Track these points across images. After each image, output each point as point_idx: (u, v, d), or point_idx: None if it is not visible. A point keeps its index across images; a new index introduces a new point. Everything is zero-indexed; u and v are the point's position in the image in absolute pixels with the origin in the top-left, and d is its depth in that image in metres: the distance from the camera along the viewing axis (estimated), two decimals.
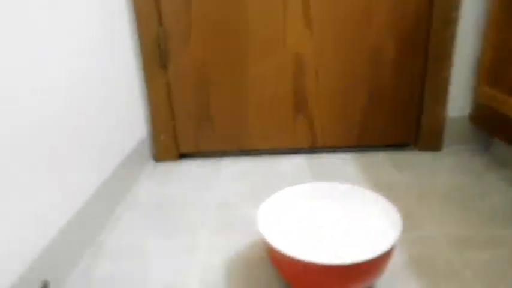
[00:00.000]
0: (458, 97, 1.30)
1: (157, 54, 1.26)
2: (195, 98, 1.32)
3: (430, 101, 1.29)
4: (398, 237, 0.69)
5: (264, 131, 1.35)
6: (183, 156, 1.40)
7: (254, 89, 1.31)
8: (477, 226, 0.92)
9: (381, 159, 1.30)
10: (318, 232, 0.85)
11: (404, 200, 1.05)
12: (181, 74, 1.29)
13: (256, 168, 1.28)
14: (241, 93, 1.31)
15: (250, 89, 1.31)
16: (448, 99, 1.29)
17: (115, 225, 1.00)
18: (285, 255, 0.66)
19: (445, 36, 1.22)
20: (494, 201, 1.02)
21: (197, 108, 1.33)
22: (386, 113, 1.33)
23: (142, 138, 1.30)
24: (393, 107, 1.32)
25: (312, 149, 1.38)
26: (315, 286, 0.69)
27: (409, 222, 0.95)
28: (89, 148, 0.95)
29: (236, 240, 0.91)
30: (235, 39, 1.25)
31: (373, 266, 0.68)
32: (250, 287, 0.77)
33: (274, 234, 0.78)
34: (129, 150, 1.19)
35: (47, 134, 0.79)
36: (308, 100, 1.32)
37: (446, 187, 1.10)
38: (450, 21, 1.20)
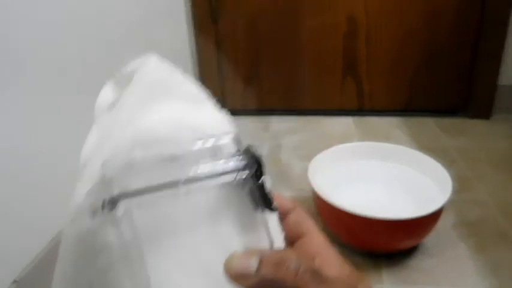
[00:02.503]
0: (511, 65, 1.25)
1: (208, 8, 1.26)
2: (245, 53, 1.33)
3: (482, 68, 1.25)
4: (448, 198, 0.70)
5: (312, 91, 1.36)
6: (230, 113, 1.42)
7: (304, 47, 1.30)
8: None
9: (430, 124, 1.29)
10: (367, 189, 0.87)
11: (455, 164, 1.04)
12: (232, 28, 1.29)
13: (303, 127, 1.30)
14: (290, 52, 1.31)
15: (300, 48, 1.30)
16: (500, 67, 1.25)
17: None
18: (335, 207, 0.69)
19: (502, 2, 1.16)
20: None
21: (246, 65, 1.34)
22: (437, 79, 1.30)
23: None
24: (445, 73, 1.29)
25: (359, 111, 1.37)
26: (364, 239, 0.72)
27: (460, 185, 0.95)
28: None
29: (285, 194, 0.95)
30: None
31: (422, 224, 0.70)
32: None
33: (324, 188, 0.81)
34: None
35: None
36: (358, 62, 1.30)
37: (497, 153, 1.09)
38: None
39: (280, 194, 0.27)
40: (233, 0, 1.25)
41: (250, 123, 1.35)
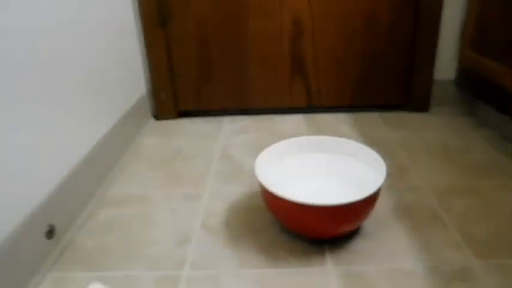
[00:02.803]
0: (445, 62, 1.36)
1: (157, 13, 1.28)
2: (195, 56, 1.35)
3: (419, 65, 1.34)
4: (382, 183, 0.76)
5: (263, 91, 1.40)
6: (182, 114, 1.44)
7: (253, 49, 1.34)
8: (458, 177, 1.00)
9: (374, 118, 1.37)
10: (313, 179, 0.92)
11: (396, 154, 1.12)
12: (182, 32, 1.32)
13: (255, 126, 1.34)
14: (240, 52, 1.35)
15: (250, 49, 1.34)
16: (435, 64, 1.35)
17: (120, 174, 1.07)
18: (279, 198, 0.73)
19: (433, 3, 1.26)
20: (475, 156, 1.10)
21: (197, 66, 1.36)
22: (379, 76, 1.38)
23: (142, 96, 1.35)
24: (386, 70, 1.37)
25: (309, 108, 1.43)
26: (307, 226, 0.77)
27: (398, 173, 1.02)
28: (89, 101, 1.00)
29: (236, 190, 0.99)
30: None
31: (360, 208, 0.75)
32: (248, 230, 0.84)
33: (271, 181, 0.85)
34: (130, 107, 1.24)
35: (49, 83, 0.84)
36: (305, 61, 1.36)
37: (433, 144, 1.17)
38: None
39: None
40: (180, 3, 1.28)
41: (204, 124, 1.38)
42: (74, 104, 0.90)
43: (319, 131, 1.29)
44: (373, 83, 1.39)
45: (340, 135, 1.24)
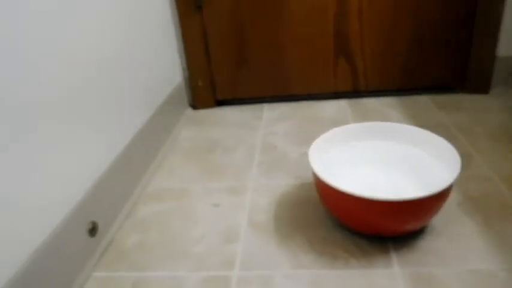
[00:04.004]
0: (509, 36, 1.21)
1: None
2: (232, 41, 1.28)
3: (479, 40, 1.21)
4: (457, 176, 0.67)
5: (304, 75, 1.32)
6: (220, 103, 1.38)
7: (293, 31, 1.26)
8: None
9: (426, 102, 1.26)
10: (370, 170, 0.84)
11: (455, 140, 1.01)
12: (217, 15, 1.25)
13: (297, 113, 1.26)
14: (279, 35, 1.26)
15: (289, 32, 1.26)
16: (499, 38, 1.21)
17: (158, 168, 1.02)
18: (339, 191, 0.66)
19: None
20: None
21: (234, 52, 1.29)
22: (431, 55, 1.26)
23: (178, 84, 1.29)
24: (439, 48, 1.25)
25: (353, 93, 1.34)
26: (369, 222, 0.69)
27: (461, 161, 0.92)
28: (125, 93, 0.95)
29: (282, 181, 0.92)
30: None
31: (430, 204, 0.67)
32: (300, 225, 0.78)
33: (325, 172, 0.78)
34: (166, 97, 1.18)
35: (85, 79, 0.79)
36: (350, 42, 1.26)
37: (497, 127, 1.06)
38: None
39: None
40: None
41: (243, 112, 1.31)
42: (110, 98, 0.85)
43: (366, 117, 1.19)
44: (425, 63, 1.27)
45: (390, 121, 1.14)
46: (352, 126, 0.86)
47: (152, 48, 1.09)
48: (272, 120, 1.23)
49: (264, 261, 0.70)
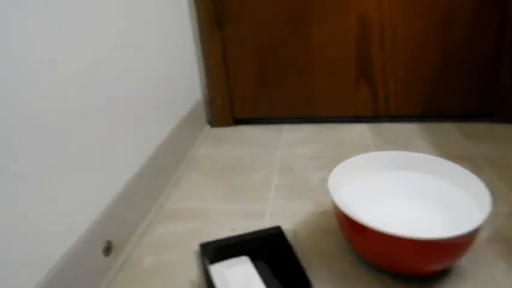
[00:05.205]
0: None
1: (214, 14, 1.21)
2: (253, 60, 1.27)
3: (506, 69, 1.18)
4: (487, 215, 0.63)
5: (325, 97, 1.30)
6: (239, 122, 1.37)
7: (314, 53, 1.24)
8: None
9: (450, 129, 1.22)
10: (394, 203, 0.81)
11: (483, 172, 0.98)
12: (239, 34, 1.24)
13: (316, 135, 1.24)
14: (300, 56, 1.25)
15: (311, 52, 1.25)
16: None
17: (176, 187, 1.01)
18: (362, 225, 0.63)
19: None
20: None
21: (254, 71, 1.29)
22: (457, 81, 1.23)
23: (197, 102, 1.29)
24: (466, 75, 1.22)
25: (375, 117, 1.31)
26: (394, 260, 0.66)
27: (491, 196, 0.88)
28: (145, 109, 0.95)
29: (302, 207, 0.89)
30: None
31: (458, 245, 0.63)
32: (319, 257, 0.75)
33: (346, 203, 0.75)
34: (185, 114, 1.18)
35: (100, 93, 0.79)
36: (372, 66, 1.24)
37: None
38: None
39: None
40: (238, 4, 1.20)
41: (261, 132, 1.30)
42: (129, 115, 0.85)
43: (388, 143, 1.16)
44: (450, 89, 1.24)
45: (412, 149, 1.11)
46: (374, 155, 0.83)
47: (173, 65, 1.09)
48: (291, 141, 1.21)
49: None
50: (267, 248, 0.74)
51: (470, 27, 1.16)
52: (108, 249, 0.73)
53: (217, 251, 0.71)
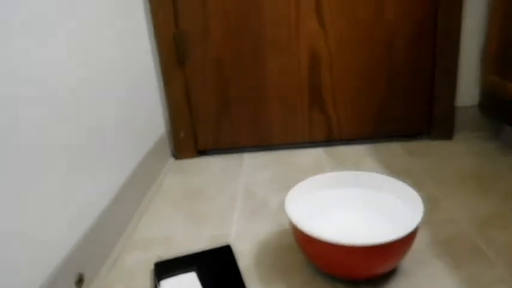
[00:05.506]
0: (467, 87, 1.34)
1: (175, 52, 1.30)
2: (213, 94, 1.36)
3: (440, 91, 1.33)
4: (421, 219, 0.73)
5: (282, 126, 1.40)
6: (202, 153, 1.44)
7: (271, 84, 1.35)
8: (495, 206, 0.96)
9: (396, 148, 1.34)
10: (344, 217, 0.89)
11: (423, 185, 1.09)
12: (199, 70, 1.33)
13: (276, 162, 1.33)
14: (258, 88, 1.35)
15: (268, 84, 1.35)
16: (457, 90, 1.34)
17: (143, 216, 1.05)
18: (313, 238, 0.70)
19: (451, 29, 1.26)
20: (510, 183, 1.06)
21: (216, 104, 1.37)
22: (399, 104, 1.37)
23: (161, 136, 1.35)
24: (406, 98, 1.36)
25: (328, 141, 1.42)
26: (344, 267, 0.73)
27: (429, 205, 0.99)
28: (111, 146, 1.00)
29: (263, 228, 0.96)
30: (252, 37, 1.30)
31: (399, 247, 0.72)
32: (280, 271, 0.81)
33: (302, 219, 0.83)
34: (150, 148, 1.23)
35: (66, 130, 0.84)
36: (323, 93, 1.36)
37: (462, 171, 1.14)
38: (456, 22, 1.25)
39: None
40: (198, 42, 1.30)
41: (224, 161, 1.37)
42: (97, 150, 0.90)
43: (341, 164, 1.26)
44: (393, 111, 1.38)
45: (364, 169, 1.22)
46: (326, 176, 0.92)
47: (136, 102, 1.15)
48: (252, 168, 1.29)
49: None
50: (215, 264, 0.81)
51: (408, 54, 1.31)
52: (80, 282, 0.76)
53: (170, 268, 0.79)
